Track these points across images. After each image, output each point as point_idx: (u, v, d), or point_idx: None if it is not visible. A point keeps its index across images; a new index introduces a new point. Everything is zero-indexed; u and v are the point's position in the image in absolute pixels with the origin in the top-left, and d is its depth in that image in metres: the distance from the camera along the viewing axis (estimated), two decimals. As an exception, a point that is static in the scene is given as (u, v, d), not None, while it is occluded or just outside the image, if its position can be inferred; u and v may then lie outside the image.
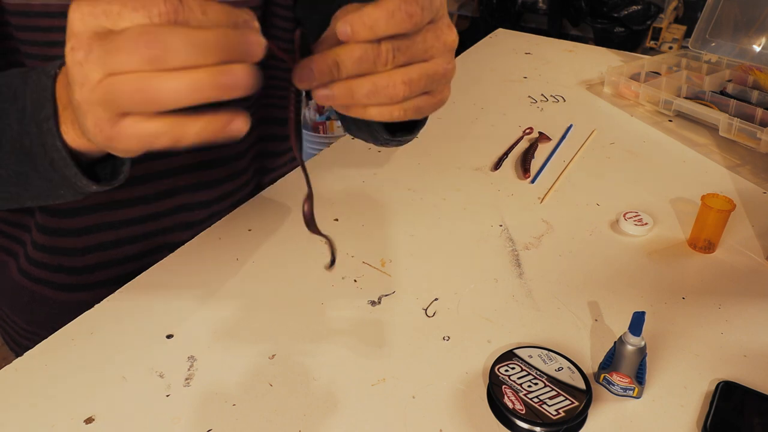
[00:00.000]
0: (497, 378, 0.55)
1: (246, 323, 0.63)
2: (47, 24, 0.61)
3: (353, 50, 0.38)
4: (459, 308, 0.66)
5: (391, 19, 0.37)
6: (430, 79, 0.41)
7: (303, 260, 0.72)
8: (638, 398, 0.56)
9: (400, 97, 0.40)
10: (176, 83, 0.33)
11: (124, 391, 0.55)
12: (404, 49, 0.39)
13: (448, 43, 0.42)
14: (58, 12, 0.60)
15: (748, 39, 1.22)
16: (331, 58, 0.38)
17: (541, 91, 1.21)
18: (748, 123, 0.99)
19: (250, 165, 0.83)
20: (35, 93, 0.42)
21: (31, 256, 0.75)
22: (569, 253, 0.75)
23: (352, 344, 0.61)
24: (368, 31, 0.37)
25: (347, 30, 0.38)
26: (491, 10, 2.82)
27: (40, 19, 0.60)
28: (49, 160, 0.43)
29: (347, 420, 0.53)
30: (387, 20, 0.37)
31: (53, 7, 0.60)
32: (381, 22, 0.37)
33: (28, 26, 0.60)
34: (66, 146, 0.42)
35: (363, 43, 0.38)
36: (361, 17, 0.37)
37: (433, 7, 0.39)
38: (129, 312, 0.63)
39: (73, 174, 0.44)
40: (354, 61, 0.38)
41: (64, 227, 0.72)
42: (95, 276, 0.75)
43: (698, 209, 0.75)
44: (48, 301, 0.77)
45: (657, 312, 0.66)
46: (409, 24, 0.38)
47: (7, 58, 0.63)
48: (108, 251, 0.74)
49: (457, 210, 0.82)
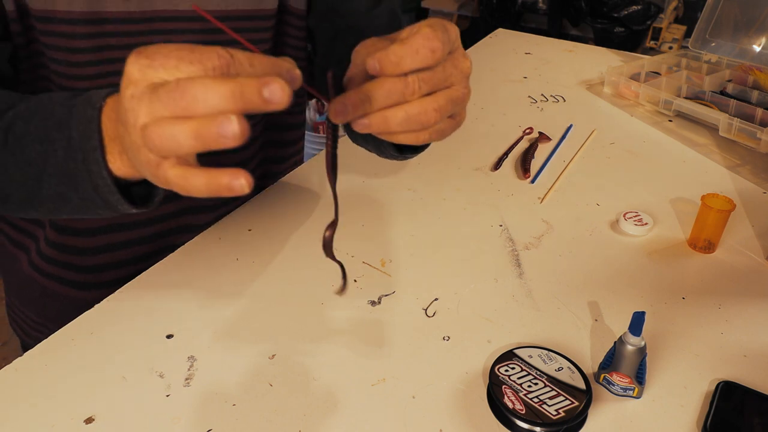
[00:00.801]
0: (497, 378, 0.55)
1: (246, 323, 0.63)
2: (70, 30, 0.62)
3: (382, 84, 0.41)
4: (459, 308, 0.66)
5: (416, 55, 0.41)
6: (454, 104, 0.45)
7: (303, 260, 0.72)
8: (638, 398, 0.56)
9: (431, 123, 0.44)
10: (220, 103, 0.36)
11: (124, 391, 0.55)
12: (428, 80, 0.42)
13: (465, 70, 0.45)
14: (80, 19, 0.62)
15: (748, 39, 1.22)
16: (363, 93, 0.41)
17: (541, 91, 1.21)
18: (748, 123, 0.99)
19: (255, 170, 0.84)
20: (82, 124, 0.45)
21: (43, 252, 0.77)
22: (569, 253, 0.75)
23: (352, 344, 0.61)
24: (395, 67, 0.41)
25: (376, 66, 0.41)
26: (491, 10, 2.82)
27: (63, 25, 0.62)
28: (93, 185, 0.46)
29: (347, 420, 0.53)
30: (412, 57, 0.41)
31: (75, 14, 0.61)
32: (407, 59, 0.41)
33: (52, 32, 0.62)
34: (111, 174, 0.45)
35: (392, 77, 0.41)
36: (388, 55, 0.41)
37: (450, 40, 0.43)
38: (129, 312, 0.63)
39: (116, 199, 0.47)
40: (384, 94, 0.42)
41: (76, 227, 0.73)
42: (105, 275, 0.76)
43: (698, 209, 0.75)
44: (58, 297, 0.79)
45: (657, 312, 0.66)
46: (432, 59, 0.42)
47: (32, 60, 0.65)
48: (117, 252, 0.76)
49: (457, 210, 0.82)
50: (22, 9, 0.61)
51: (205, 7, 0.67)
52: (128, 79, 0.38)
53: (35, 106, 0.49)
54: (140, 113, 0.38)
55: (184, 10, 0.66)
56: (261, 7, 0.71)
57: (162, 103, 0.36)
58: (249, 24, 0.71)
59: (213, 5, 0.68)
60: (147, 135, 0.37)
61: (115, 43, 0.65)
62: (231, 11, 0.69)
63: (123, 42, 0.65)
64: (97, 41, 0.64)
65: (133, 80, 0.38)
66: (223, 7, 0.69)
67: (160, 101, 0.37)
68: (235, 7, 0.69)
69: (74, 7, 0.61)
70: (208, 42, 0.51)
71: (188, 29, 0.68)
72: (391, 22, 0.78)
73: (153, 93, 0.37)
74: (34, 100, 0.50)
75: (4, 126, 0.49)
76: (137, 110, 0.38)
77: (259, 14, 0.71)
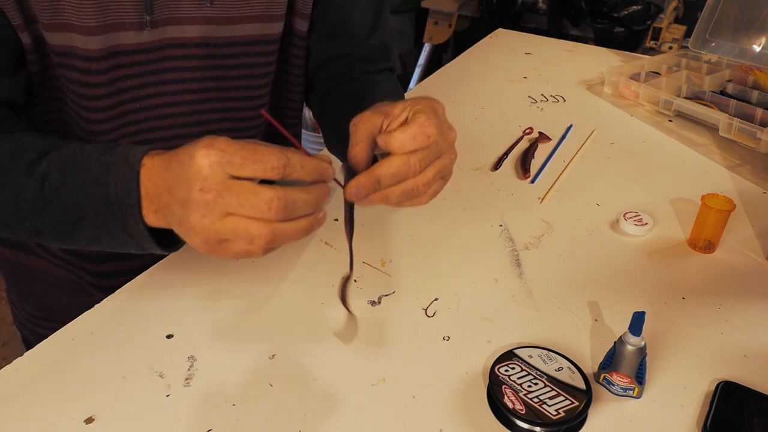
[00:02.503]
0: (497, 378, 0.55)
1: (246, 323, 0.63)
2: (85, 66, 0.64)
3: (389, 167, 0.51)
4: (459, 308, 0.66)
5: (413, 140, 0.51)
6: (443, 171, 0.55)
7: (303, 260, 0.72)
8: (638, 398, 0.56)
9: (422, 193, 0.54)
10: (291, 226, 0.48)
11: (124, 391, 0.55)
12: (425, 159, 0.52)
13: (451, 140, 0.55)
14: (96, 57, 0.63)
15: (748, 39, 1.22)
16: (374, 177, 0.51)
17: (541, 91, 1.21)
18: (748, 123, 0.99)
19: None
20: (120, 182, 0.51)
21: (55, 253, 0.78)
22: (569, 253, 0.75)
23: (352, 344, 0.61)
24: (398, 149, 0.51)
25: (382, 144, 0.52)
26: (491, 10, 2.82)
27: (79, 61, 0.63)
28: (128, 234, 0.52)
29: (347, 420, 0.53)
30: (411, 141, 0.51)
31: (93, 51, 0.63)
32: (407, 143, 0.51)
33: (69, 65, 0.63)
34: (146, 226, 0.51)
35: (396, 160, 0.51)
36: (391, 139, 0.51)
37: (440, 120, 0.54)
38: (129, 312, 0.63)
39: (150, 246, 0.53)
40: (390, 176, 0.51)
41: None
42: (112, 281, 0.76)
43: (698, 209, 0.75)
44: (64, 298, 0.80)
45: (657, 312, 0.66)
46: (427, 142, 0.52)
47: (45, 87, 0.66)
48: (126, 261, 0.76)
49: (457, 210, 0.82)
50: (39, 41, 0.62)
51: (213, 33, 0.68)
52: (199, 173, 0.46)
53: (68, 156, 0.54)
54: (217, 208, 0.46)
55: (193, 37, 0.67)
56: (268, 32, 0.72)
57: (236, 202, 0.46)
58: (255, 49, 0.72)
59: (221, 32, 0.69)
60: (229, 226, 0.46)
61: (129, 73, 0.66)
62: (239, 37, 0.70)
63: (136, 71, 0.67)
64: (111, 75, 0.65)
65: (204, 176, 0.45)
66: (230, 33, 0.69)
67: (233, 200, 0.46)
68: (243, 33, 0.70)
69: (91, 45, 0.62)
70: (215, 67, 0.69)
71: (196, 55, 0.69)
72: (384, 49, 0.82)
73: (230, 192, 0.45)
74: (66, 150, 0.54)
75: (40, 175, 0.53)
76: (211, 204, 0.45)
77: (266, 39, 0.72)
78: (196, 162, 0.46)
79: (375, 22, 0.80)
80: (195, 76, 0.70)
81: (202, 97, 0.71)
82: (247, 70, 0.73)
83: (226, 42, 0.69)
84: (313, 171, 0.49)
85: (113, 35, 0.63)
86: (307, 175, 0.48)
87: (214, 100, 0.72)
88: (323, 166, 0.49)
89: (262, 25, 0.71)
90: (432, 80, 1.25)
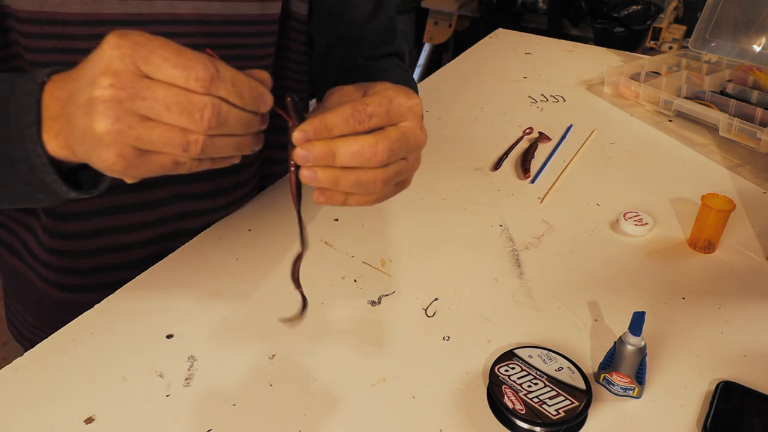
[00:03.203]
0: (497, 378, 0.55)
1: (246, 323, 0.63)
2: (63, 31, 0.60)
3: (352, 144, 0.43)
4: (459, 308, 0.66)
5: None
6: (404, 174, 0.47)
7: (303, 260, 0.71)
8: (638, 398, 0.56)
9: (377, 191, 0.46)
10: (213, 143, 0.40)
11: (124, 391, 0.55)
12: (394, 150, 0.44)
13: (421, 144, 0.47)
14: (74, 20, 0.60)
15: (748, 39, 1.22)
16: (325, 125, 0.43)
17: (541, 91, 1.21)
18: (748, 123, 0.99)
19: (256, 173, 0.84)
20: (21, 98, 0.43)
21: (38, 257, 0.76)
22: (569, 253, 0.75)
23: (352, 344, 0.61)
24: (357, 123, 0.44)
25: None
26: (491, 10, 2.82)
27: (56, 26, 0.60)
28: (29, 165, 0.44)
29: (347, 420, 0.53)
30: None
31: (71, 16, 0.60)
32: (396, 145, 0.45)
33: (44, 34, 0.60)
34: (47, 153, 0.43)
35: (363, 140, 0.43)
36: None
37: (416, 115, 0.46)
38: (129, 312, 0.63)
39: (52, 180, 0.45)
40: (342, 122, 0.43)
41: (71, 230, 0.72)
42: (102, 278, 0.75)
43: (698, 209, 0.75)
44: (55, 302, 0.77)
45: (657, 312, 0.66)
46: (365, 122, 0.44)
47: (9, 64, 0.63)
48: (116, 254, 0.75)
49: (457, 210, 0.82)
50: (2, 12, 0.59)
51: (208, 11, 0.67)
52: (108, 67, 0.37)
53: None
54: (130, 111, 0.37)
55: (184, 13, 0.66)
56: (265, 12, 0.71)
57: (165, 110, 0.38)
58: (253, 29, 0.71)
59: (215, 9, 0.67)
60: (151, 133, 0.38)
61: None
62: (234, 16, 0.69)
63: None
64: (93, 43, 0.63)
65: (114, 70, 0.37)
66: (225, 11, 0.68)
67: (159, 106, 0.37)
68: (238, 12, 0.69)
69: (69, 8, 0.60)
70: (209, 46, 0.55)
71: (188, 32, 0.67)
72: (387, 32, 0.80)
73: (146, 90, 0.37)
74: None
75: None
76: (125, 104, 0.37)
77: (263, 19, 0.71)
78: (105, 53, 0.38)
79: (376, 4, 0.79)
80: None
81: None
82: (243, 51, 0.71)
83: (220, 20, 0.67)
84: (247, 93, 0.40)
85: (92, 1, 0.60)
86: (238, 96, 0.40)
87: None
88: (260, 90, 0.41)
89: (260, 4, 0.69)
90: (432, 80, 1.25)
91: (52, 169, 0.44)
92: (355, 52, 0.79)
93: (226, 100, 0.39)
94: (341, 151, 0.43)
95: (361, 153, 0.43)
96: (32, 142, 0.43)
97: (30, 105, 0.43)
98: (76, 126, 0.40)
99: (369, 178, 0.45)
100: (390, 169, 0.45)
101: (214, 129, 0.39)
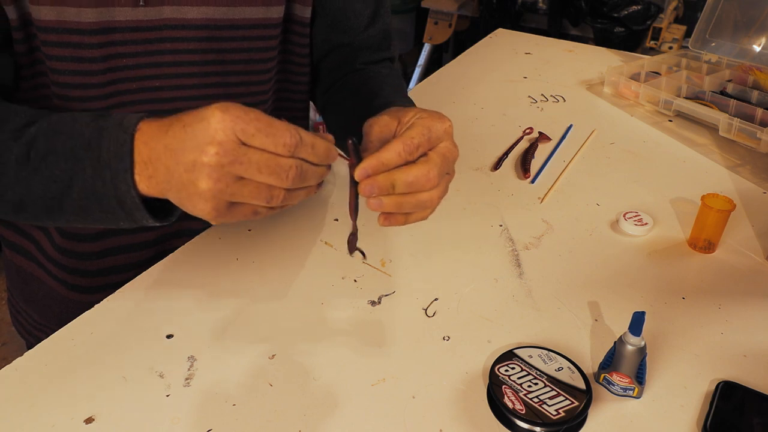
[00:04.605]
0: (497, 378, 0.55)
1: (246, 323, 0.63)
2: (78, 40, 0.62)
3: (408, 174, 0.51)
4: (459, 308, 0.66)
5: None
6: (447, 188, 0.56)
7: (303, 260, 0.72)
8: (638, 398, 0.56)
9: (434, 206, 0.54)
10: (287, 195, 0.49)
11: (124, 391, 0.55)
12: (441, 171, 0.53)
13: (456, 158, 0.57)
14: (89, 29, 0.62)
15: (748, 39, 1.22)
16: (389, 180, 0.51)
17: (541, 91, 1.21)
18: (748, 123, 0.99)
19: None
20: (114, 146, 0.49)
21: (51, 257, 0.77)
22: (569, 253, 0.75)
23: (352, 344, 0.61)
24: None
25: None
26: (491, 10, 2.82)
27: (72, 34, 0.62)
28: (118, 201, 0.50)
29: (347, 420, 0.53)
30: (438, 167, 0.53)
31: (85, 24, 0.62)
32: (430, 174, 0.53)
33: (58, 42, 0.62)
34: (139, 194, 0.50)
35: (416, 170, 0.51)
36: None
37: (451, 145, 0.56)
38: (129, 312, 0.63)
39: (141, 216, 0.51)
40: (406, 184, 0.51)
41: (79, 232, 0.74)
42: (108, 279, 0.76)
43: (698, 209, 0.75)
44: (62, 301, 0.79)
45: (657, 312, 0.66)
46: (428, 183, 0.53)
47: (32, 70, 0.65)
48: (122, 255, 0.76)
49: (457, 210, 0.82)
50: (26, 18, 0.61)
51: (213, 15, 0.68)
52: (213, 137, 0.45)
53: (58, 124, 0.52)
54: (230, 171, 0.45)
55: (193, 18, 0.67)
56: (268, 15, 0.72)
57: (257, 171, 0.46)
58: (257, 32, 0.72)
59: (221, 14, 0.68)
60: (243, 190, 0.46)
61: (124, 51, 0.65)
62: (239, 20, 0.70)
63: (131, 50, 0.66)
64: (106, 50, 0.65)
65: (219, 140, 0.45)
66: (230, 15, 0.69)
67: (253, 167, 0.45)
68: (243, 16, 0.70)
69: (84, 17, 0.61)
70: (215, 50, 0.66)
71: (196, 37, 0.68)
72: (383, 39, 0.83)
73: (244, 155, 0.45)
74: (56, 118, 0.52)
75: (26, 142, 0.51)
76: (227, 167, 0.45)
77: (266, 23, 0.72)
78: (210, 125, 0.45)
79: (376, 10, 0.81)
80: (194, 60, 0.69)
81: (201, 82, 0.71)
82: (247, 55, 0.72)
83: (226, 24, 0.69)
84: (322, 154, 0.49)
85: (106, 10, 0.62)
86: (316, 156, 0.49)
87: (214, 85, 0.72)
88: (332, 151, 0.50)
89: (264, 8, 0.71)
90: (432, 80, 1.25)
91: (142, 206, 0.50)
92: (352, 58, 0.81)
93: (306, 160, 0.48)
94: (399, 182, 0.51)
95: (416, 182, 0.51)
96: (126, 184, 0.49)
97: (124, 153, 0.49)
98: (176, 178, 0.47)
99: (427, 198, 0.53)
100: (441, 187, 0.54)
101: (296, 184, 0.48)
